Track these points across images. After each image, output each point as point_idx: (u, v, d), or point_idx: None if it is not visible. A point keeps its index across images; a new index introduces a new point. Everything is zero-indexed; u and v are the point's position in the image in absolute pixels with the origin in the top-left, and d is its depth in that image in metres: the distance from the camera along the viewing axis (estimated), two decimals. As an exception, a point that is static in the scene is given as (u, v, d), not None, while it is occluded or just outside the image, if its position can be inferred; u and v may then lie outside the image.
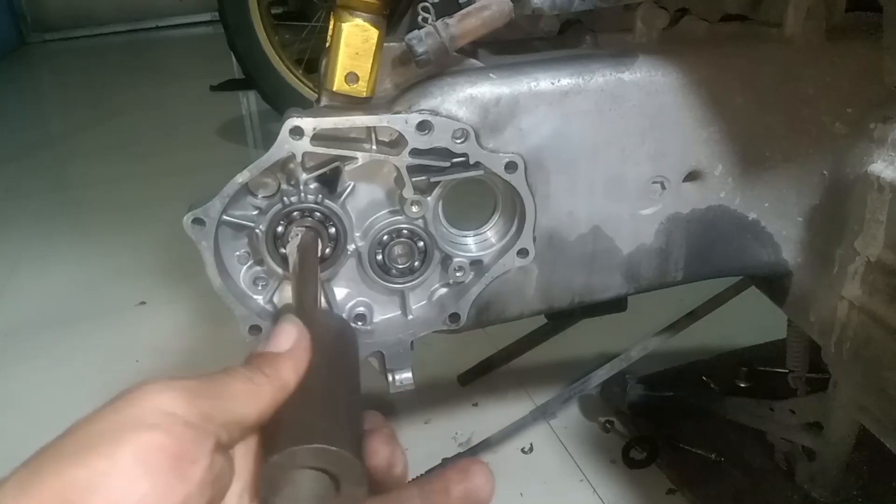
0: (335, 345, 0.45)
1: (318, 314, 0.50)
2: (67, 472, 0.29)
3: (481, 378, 1.27)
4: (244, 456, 0.37)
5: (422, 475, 0.42)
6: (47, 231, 2.10)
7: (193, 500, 0.31)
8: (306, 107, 0.64)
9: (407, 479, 0.41)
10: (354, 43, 0.61)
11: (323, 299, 0.67)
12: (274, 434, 0.37)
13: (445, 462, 1.10)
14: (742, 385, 1.16)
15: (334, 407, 0.39)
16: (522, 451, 1.15)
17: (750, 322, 1.22)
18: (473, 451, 1.12)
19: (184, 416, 0.32)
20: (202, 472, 0.31)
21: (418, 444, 1.17)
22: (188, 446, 0.31)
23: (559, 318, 0.98)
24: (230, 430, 0.34)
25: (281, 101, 2.50)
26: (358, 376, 0.46)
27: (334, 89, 0.62)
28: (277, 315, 0.51)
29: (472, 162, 0.63)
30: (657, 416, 1.13)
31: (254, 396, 0.36)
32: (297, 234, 0.63)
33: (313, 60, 2.54)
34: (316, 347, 0.40)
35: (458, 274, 0.68)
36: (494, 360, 1.26)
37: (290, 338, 0.39)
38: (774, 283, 0.78)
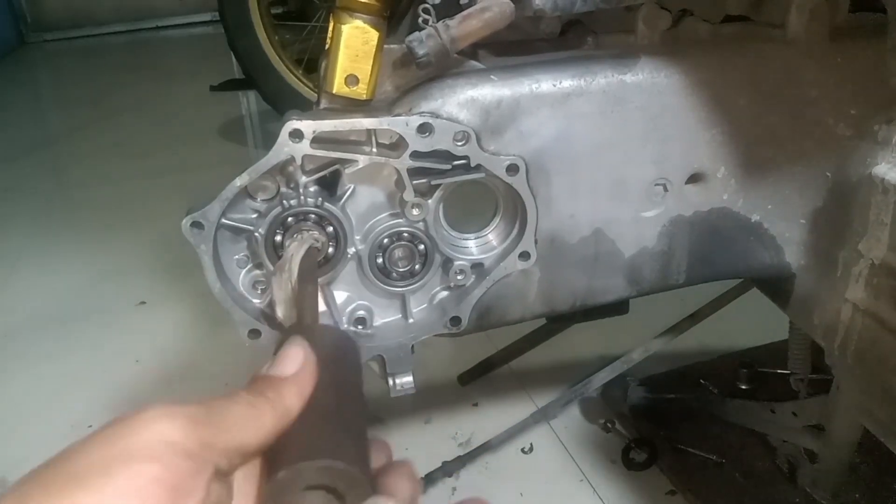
0: (339, 363, 0.45)
1: (321, 330, 0.50)
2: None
3: (481, 378, 1.27)
4: (244, 479, 0.37)
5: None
6: (47, 231, 2.10)
7: None
8: (306, 106, 0.64)
9: None
10: (354, 45, 0.60)
11: (322, 303, 0.66)
12: (279, 452, 0.36)
13: (445, 464, 1.09)
14: (743, 387, 1.16)
15: (339, 425, 0.39)
16: (522, 451, 1.15)
17: (751, 324, 1.22)
18: (474, 453, 1.12)
19: (182, 445, 0.31)
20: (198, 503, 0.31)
21: (418, 444, 1.17)
22: (185, 478, 0.31)
23: (560, 320, 0.98)
24: (230, 456, 0.34)
25: (281, 101, 2.49)
26: (362, 394, 0.45)
27: (334, 91, 0.61)
28: (281, 333, 0.50)
29: (473, 164, 0.63)
30: (658, 418, 1.13)
31: (256, 423, 0.35)
32: (298, 237, 0.62)
33: (313, 60, 2.53)
34: (320, 366, 0.40)
35: (459, 277, 0.68)
36: (494, 360, 1.26)
37: (295, 362, 0.38)
38: (777, 286, 0.78)
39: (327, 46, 0.63)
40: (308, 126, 0.59)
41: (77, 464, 0.30)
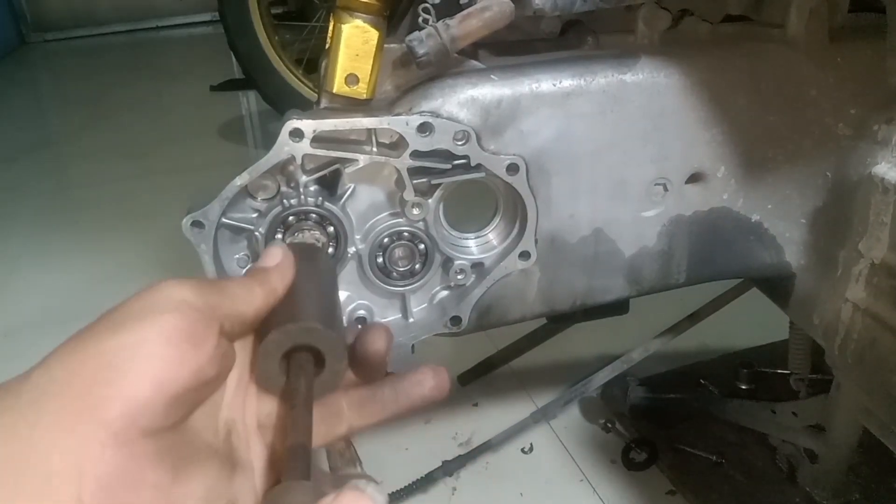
0: (318, 262, 0.53)
1: (296, 246, 0.58)
2: (104, 342, 0.35)
3: (481, 378, 1.27)
4: (240, 352, 0.43)
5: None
6: (47, 231, 2.10)
7: (206, 369, 0.37)
8: (306, 107, 0.64)
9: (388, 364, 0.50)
10: (354, 44, 0.60)
11: None
12: (268, 323, 0.43)
13: (445, 464, 1.09)
14: (744, 387, 1.16)
15: (318, 302, 0.46)
16: (522, 450, 1.15)
17: (751, 324, 1.22)
18: (474, 453, 1.12)
19: (193, 302, 0.38)
20: (212, 347, 0.38)
21: (418, 444, 1.17)
22: (199, 326, 0.37)
23: (560, 320, 0.98)
24: (231, 321, 0.40)
25: (281, 101, 2.49)
26: (336, 286, 0.55)
27: (334, 91, 0.61)
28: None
29: (473, 164, 0.63)
30: (658, 418, 1.12)
31: (248, 296, 0.42)
32: (298, 236, 0.62)
33: (313, 60, 2.53)
34: (300, 263, 0.47)
35: (459, 276, 0.68)
36: (494, 359, 1.26)
37: (276, 256, 0.46)
38: (777, 286, 0.78)
39: (327, 46, 0.63)
40: (308, 125, 0.59)
41: (114, 318, 0.37)
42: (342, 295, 0.68)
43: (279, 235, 0.63)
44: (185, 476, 0.37)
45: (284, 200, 0.62)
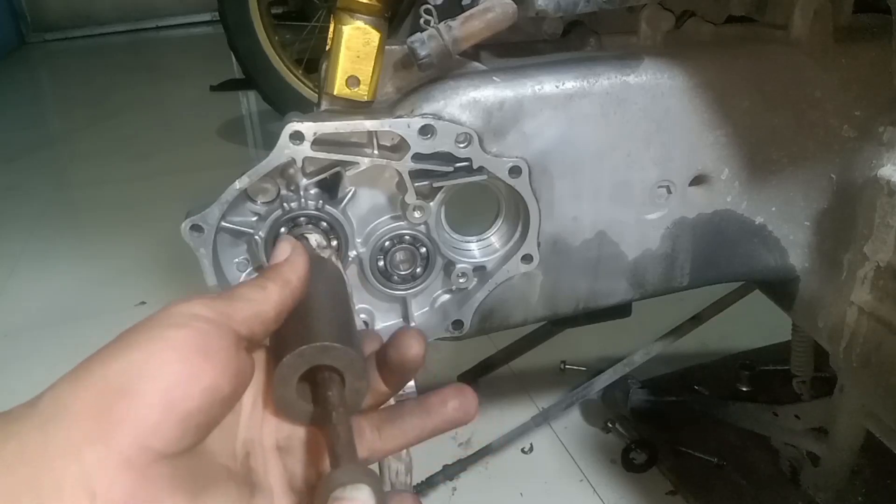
0: (327, 273, 0.52)
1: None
2: (112, 364, 0.35)
3: (481, 378, 1.27)
4: (255, 372, 0.43)
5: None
6: (47, 231, 2.09)
7: (220, 384, 0.36)
8: (306, 107, 0.63)
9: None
10: (355, 46, 0.60)
11: None
12: (283, 342, 0.42)
13: (446, 468, 1.09)
14: (745, 389, 1.15)
15: (332, 317, 0.45)
16: (522, 450, 1.15)
17: (754, 326, 1.22)
18: (474, 457, 1.12)
19: (204, 314, 0.38)
20: (225, 360, 0.37)
21: (418, 444, 1.16)
22: (211, 338, 0.37)
23: (562, 323, 0.97)
24: (249, 325, 0.40)
25: (281, 101, 2.49)
26: (348, 297, 0.54)
27: (335, 93, 0.61)
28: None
29: (475, 167, 0.63)
30: (659, 420, 1.12)
31: (263, 294, 0.42)
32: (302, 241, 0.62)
33: (313, 60, 2.53)
34: (312, 276, 0.46)
35: (461, 280, 0.67)
36: (494, 359, 1.26)
37: (285, 251, 0.46)
38: (781, 289, 0.77)
39: (328, 47, 0.62)
40: (309, 128, 0.58)
41: (123, 339, 0.36)
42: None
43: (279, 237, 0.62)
44: (203, 502, 0.36)
45: (284, 204, 0.61)
